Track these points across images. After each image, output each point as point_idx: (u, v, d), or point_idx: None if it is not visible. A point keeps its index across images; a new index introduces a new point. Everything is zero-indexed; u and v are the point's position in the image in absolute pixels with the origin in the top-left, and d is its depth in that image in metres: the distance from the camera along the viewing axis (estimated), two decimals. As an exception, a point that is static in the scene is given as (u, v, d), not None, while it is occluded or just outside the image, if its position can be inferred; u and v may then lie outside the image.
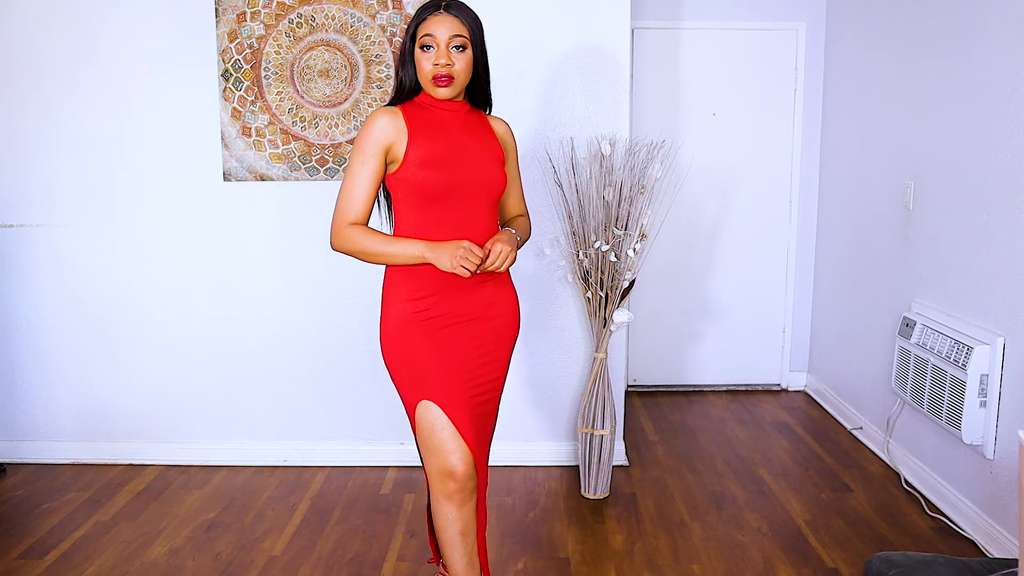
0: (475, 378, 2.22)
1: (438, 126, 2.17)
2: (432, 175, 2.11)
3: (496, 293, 2.28)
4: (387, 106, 2.19)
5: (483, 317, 2.24)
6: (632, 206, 3.17)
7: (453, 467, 2.14)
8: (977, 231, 2.98)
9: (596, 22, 3.39)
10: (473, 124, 2.25)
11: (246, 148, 3.46)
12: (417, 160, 2.12)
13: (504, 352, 2.32)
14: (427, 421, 2.15)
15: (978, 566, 1.80)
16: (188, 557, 2.88)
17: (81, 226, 3.55)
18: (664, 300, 4.63)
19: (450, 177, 2.13)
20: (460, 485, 2.15)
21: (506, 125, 2.36)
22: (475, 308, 2.23)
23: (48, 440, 3.68)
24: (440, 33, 2.10)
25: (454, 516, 2.18)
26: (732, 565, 2.81)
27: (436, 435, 2.14)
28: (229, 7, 3.39)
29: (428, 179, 2.11)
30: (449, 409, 2.14)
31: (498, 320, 2.28)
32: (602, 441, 3.28)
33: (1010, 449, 2.80)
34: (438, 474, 2.16)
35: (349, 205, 2.14)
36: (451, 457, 2.14)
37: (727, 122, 4.52)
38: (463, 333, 2.21)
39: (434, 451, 2.15)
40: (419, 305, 2.17)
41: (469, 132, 2.22)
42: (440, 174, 2.12)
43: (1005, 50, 2.81)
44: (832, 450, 3.82)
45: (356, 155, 2.14)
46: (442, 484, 2.16)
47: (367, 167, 2.13)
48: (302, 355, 3.60)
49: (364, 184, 2.14)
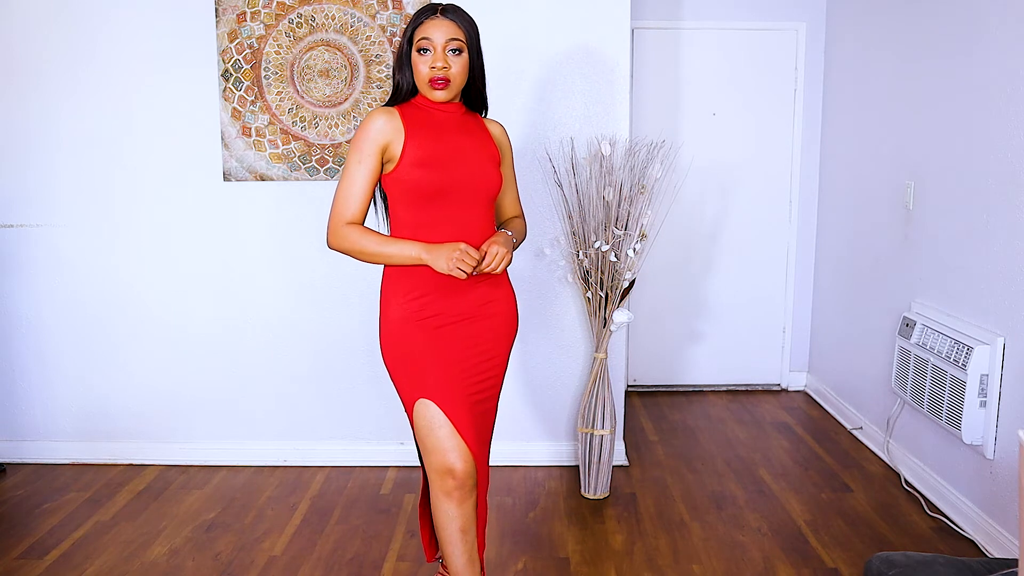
0: (473, 377, 2.23)
1: (434, 127, 2.19)
2: (427, 175, 2.13)
3: (493, 292, 2.29)
4: (384, 107, 2.21)
5: (480, 316, 2.25)
6: (632, 206, 3.17)
7: (452, 465, 2.15)
8: (977, 231, 2.98)
9: (596, 22, 3.39)
10: (469, 126, 2.28)
11: (246, 148, 3.46)
12: (413, 160, 2.13)
13: (502, 351, 2.32)
14: (425, 419, 2.16)
15: (978, 566, 1.80)
16: (188, 557, 2.88)
17: (81, 226, 3.55)
18: (664, 300, 4.63)
19: (445, 177, 2.14)
20: (459, 483, 2.16)
21: (501, 128, 2.37)
22: (472, 307, 2.23)
23: (48, 440, 3.68)
24: (437, 37, 2.12)
25: (454, 513, 2.18)
26: (732, 565, 2.81)
27: (434, 433, 2.15)
28: (229, 7, 3.39)
29: (423, 179, 2.13)
30: (447, 407, 2.15)
31: (495, 319, 2.29)
32: (602, 441, 3.28)
33: (1010, 449, 2.80)
34: (437, 472, 2.17)
35: (346, 204, 2.16)
36: (450, 455, 2.15)
37: (727, 122, 4.52)
38: (460, 332, 2.22)
39: (433, 449, 2.16)
40: (417, 304, 2.18)
41: (465, 133, 2.24)
42: (435, 174, 2.13)
43: (1005, 50, 2.81)
44: (832, 450, 3.82)
45: (353, 154, 2.16)
46: (441, 482, 2.17)
47: (363, 166, 2.15)
48: (302, 355, 3.60)
49: (360, 183, 2.16)
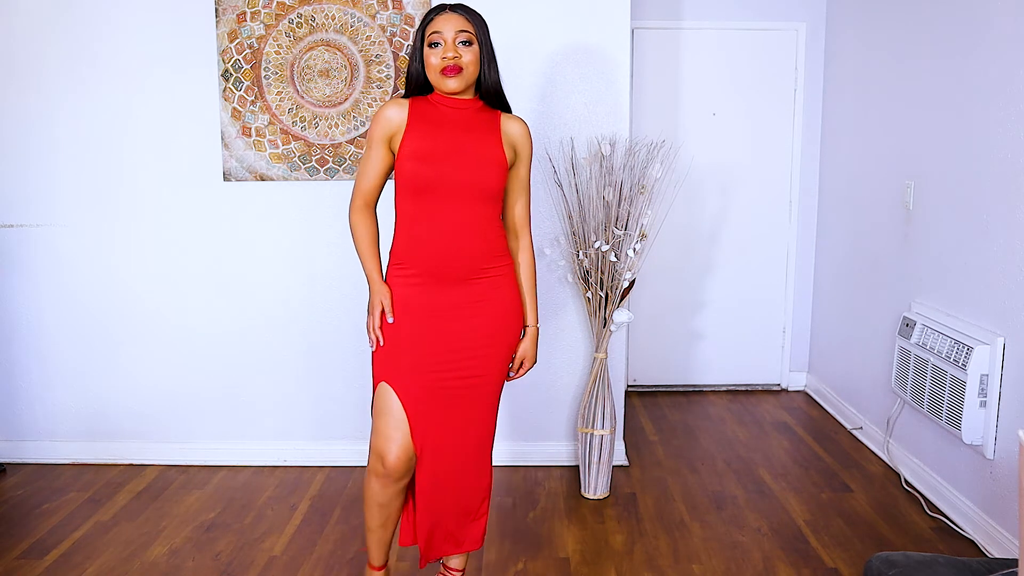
0: (450, 372, 2.28)
1: (438, 122, 2.25)
2: (418, 168, 2.21)
3: (486, 293, 2.30)
4: (400, 98, 2.31)
5: (466, 315, 2.28)
6: (632, 206, 3.17)
7: (386, 454, 2.27)
8: (977, 231, 2.98)
9: (596, 22, 3.39)
10: (479, 123, 2.29)
11: (246, 148, 3.46)
12: (408, 152, 2.22)
13: (488, 351, 2.32)
14: (381, 402, 2.29)
15: (978, 566, 1.80)
16: (188, 557, 2.88)
17: (81, 226, 3.55)
18: (664, 300, 4.63)
19: (435, 173, 2.21)
20: (388, 471, 2.28)
21: (523, 126, 2.35)
22: (459, 303, 2.28)
23: (48, 440, 3.68)
24: (447, 30, 2.20)
25: (376, 490, 2.32)
26: (732, 565, 2.81)
27: (383, 418, 2.28)
28: (229, 7, 3.39)
29: (414, 171, 2.21)
30: (405, 398, 2.26)
31: (482, 319, 2.30)
32: (602, 441, 3.28)
33: (1010, 449, 2.80)
34: (374, 452, 2.30)
35: (360, 184, 2.34)
36: (389, 444, 2.27)
37: (727, 122, 4.52)
38: (443, 327, 2.28)
39: (377, 432, 2.30)
40: (407, 291, 2.28)
41: (469, 130, 2.26)
42: (425, 168, 2.21)
43: (1005, 50, 2.81)
44: (832, 450, 3.82)
45: (368, 140, 2.31)
46: (374, 462, 2.31)
47: (374, 152, 2.29)
48: (302, 355, 3.60)
49: (372, 167, 2.31)
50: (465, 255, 2.24)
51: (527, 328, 2.41)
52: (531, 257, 2.42)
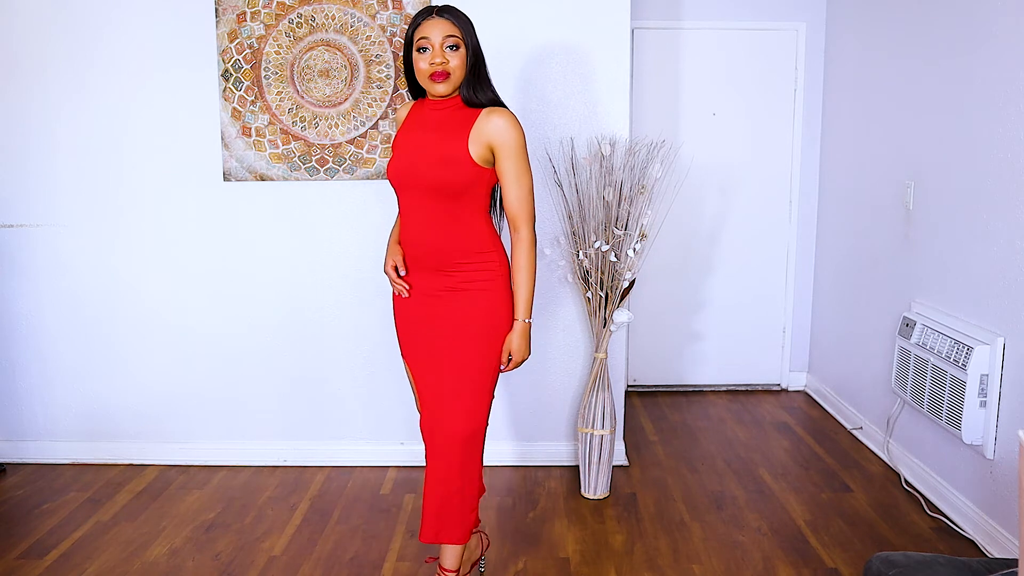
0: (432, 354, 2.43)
1: (419, 122, 2.40)
2: (390, 166, 2.39)
3: (461, 284, 2.38)
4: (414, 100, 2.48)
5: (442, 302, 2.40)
6: (632, 206, 3.17)
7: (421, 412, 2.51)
8: (977, 231, 2.98)
9: (596, 22, 3.39)
10: (452, 121, 2.34)
11: (246, 148, 3.46)
12: (391, 150, 2.43)
13: (463, 341, 2.37)
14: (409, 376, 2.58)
15: (978, 566, 1.80)
16: (188, 557, 2.88)
17: (81, 226, 3.55)
18: (664, 300, 4.63)
19: (400, 171, 2.36)
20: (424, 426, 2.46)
21: (504, 119, 2.30)
22: (436, 291, 2.41)
23: (48, 440, 3.68)
24: (434, 35, 2.27)
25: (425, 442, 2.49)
26: (732, 565, 2.81)
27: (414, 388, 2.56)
28: (229, 7, 3.39)
29: (389, 169, 2.39)
30: (413, 371, 2.52)
31: (455, 307, 2.39)
32: (602, 441, 3.28)
33: (1010, 449, 2.80)
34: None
35: None
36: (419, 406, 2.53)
37: (727, 122, 4.52)
38: (422, 312, 2.44)
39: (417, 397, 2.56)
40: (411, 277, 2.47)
41: (435, 129, 2.35)
42: (394, 166, 2.37)
43: (1005, 50, 2.81)
44: (832, 450, 3.82)
45: None
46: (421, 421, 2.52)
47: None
48: (302, 355, 3.60)
49: None
50: (433, 249, 2.37)
51: (515, 322, 2.41)
52: (525, 251, 2.38)
